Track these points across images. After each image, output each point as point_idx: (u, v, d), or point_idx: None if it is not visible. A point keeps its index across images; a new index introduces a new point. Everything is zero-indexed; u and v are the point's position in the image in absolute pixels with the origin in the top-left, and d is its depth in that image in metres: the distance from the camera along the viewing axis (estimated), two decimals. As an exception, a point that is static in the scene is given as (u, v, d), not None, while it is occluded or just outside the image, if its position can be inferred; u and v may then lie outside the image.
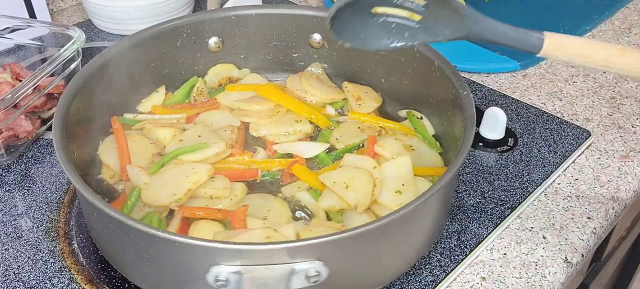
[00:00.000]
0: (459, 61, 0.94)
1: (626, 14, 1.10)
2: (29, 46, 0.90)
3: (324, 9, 0.81)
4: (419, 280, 0.59)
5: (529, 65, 0.94)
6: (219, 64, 0.82)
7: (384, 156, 0.67)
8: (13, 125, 0.73)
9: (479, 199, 0.69)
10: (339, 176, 0.63)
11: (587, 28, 1.04)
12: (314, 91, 0.78)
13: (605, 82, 0.90)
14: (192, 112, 0.75)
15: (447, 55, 0.94)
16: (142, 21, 0.76)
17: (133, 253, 0.52)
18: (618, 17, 1.09)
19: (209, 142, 0.68)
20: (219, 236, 0.58)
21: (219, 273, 0.48)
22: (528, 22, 1.05)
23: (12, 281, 0.59)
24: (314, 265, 0.48)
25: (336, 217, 0.62)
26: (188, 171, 0.64)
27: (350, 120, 0.75)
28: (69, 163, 0.54)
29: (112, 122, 0.72)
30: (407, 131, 0.73)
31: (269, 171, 0.69)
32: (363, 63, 0.79)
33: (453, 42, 0.97)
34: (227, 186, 0.64)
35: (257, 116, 0.74)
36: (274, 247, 0.47)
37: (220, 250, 0.47)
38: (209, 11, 0.80)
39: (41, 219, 0.66)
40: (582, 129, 0.79)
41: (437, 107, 0.71)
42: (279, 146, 0.71)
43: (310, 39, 0.81)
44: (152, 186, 0.63)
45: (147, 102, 0.77)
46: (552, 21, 1.05)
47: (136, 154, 0.68)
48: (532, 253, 0.63)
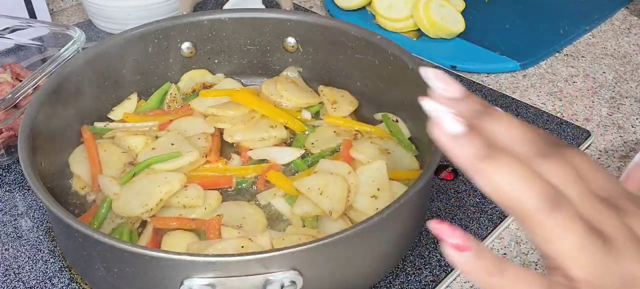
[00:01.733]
0: (459, 61, 0.94)
1: (626, 14, 1.11)
2: (29, 46, 0.89)
3: (298, 13, 0.81)
4: (419, 280, 0.59)
5: (529, 66, 0.95)
6: (192, 70, 0.81)
7: (359, 160, 0.67)
8: (13, 125, 0.72)
9: (479, 199, 0.69)
10: (313, 182, 0.62)
11: (587, 28, 1.04)
12: (289, 95, 0.77)
13: (605, 82, 0.91)
14: (165, 119, 0.74)
15: (447, 56, 0.96)
16: (142, 21, 0.76)
17: (102, 267, 0.51)
18: (618, 17, 1.10)
19: (183, 150, 0.67)
20: (193, 247, 0.57)
21: (191, 286, 0.47)
22: (528, 22, 1.06)
23: (12, 281, 0.59)
24: (288, 275, 0.48)
25: (312, 223, 0.61)
26: (160, 181, 0.63)
27: (326, 124, 0.75)
28: (34, 174, 0.53)
29: (82, 131, 0.70)
30: (383, 134, 0.72)
31: (243, 178, 0.68)
32: (339, 66, 0.79)
33: (453, 43, 0.99)
34: (200, 195, 0.63)
35: (232, 122, 0.73)
36: (246, 258, 0.46)
37: (192, 263, 0.46)
38: (180, 16, 0.78)
39: (41, 219, 0.66)
40: (582, 129, 0.80)
41: (412, 110, 0.71)
42: (254, 152, 0.70)
43: (284, 43, 0.80)
44: (123, 197, 0.62)
45: (118, 110, 0.75)
46: (551, 21, 1.05)
47: (107, 164, 0.67)
48: (532, 253, 0.63)
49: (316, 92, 0.80)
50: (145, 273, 0.48)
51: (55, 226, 0.57)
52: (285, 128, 0.74)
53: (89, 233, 0.47)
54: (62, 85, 0.66)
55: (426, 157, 0.68)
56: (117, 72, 0.75)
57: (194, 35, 0.79)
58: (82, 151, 0.68)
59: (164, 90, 0.78)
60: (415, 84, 0.67)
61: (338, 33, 0.76)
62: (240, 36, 0.80)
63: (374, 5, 1.03)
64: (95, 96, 0.72)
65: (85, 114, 0.72)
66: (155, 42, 0.76)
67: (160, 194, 0.61)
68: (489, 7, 1.10)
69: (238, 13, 0.79)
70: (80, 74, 0.69)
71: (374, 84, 0.76)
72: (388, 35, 0.96)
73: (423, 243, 0.63)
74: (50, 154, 0.64)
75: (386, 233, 0.54)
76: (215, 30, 0.79)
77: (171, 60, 0.79)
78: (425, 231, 0.65)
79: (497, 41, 0.99)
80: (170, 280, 0.47)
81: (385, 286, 0.59)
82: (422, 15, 0.97)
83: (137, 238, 0.60)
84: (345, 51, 0.76)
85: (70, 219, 0.48)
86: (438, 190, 0.70)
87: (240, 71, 0.83)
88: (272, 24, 0.79)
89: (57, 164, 0.66)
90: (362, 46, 0.74)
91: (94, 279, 0.55)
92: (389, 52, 0.71)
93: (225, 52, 0.81)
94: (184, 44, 0.79)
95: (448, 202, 0.68)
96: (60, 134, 0.67)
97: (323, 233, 0.59)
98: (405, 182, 0.65)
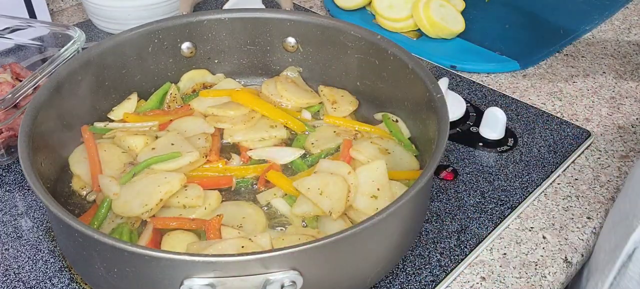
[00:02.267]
0: (459, 61, 0.94)
1: (626, 14, 1.11)
2: (29, 46, 0.89)
3: (298, 13, 0.81)
4: (419, 280, 0.59)
5: (529, 65, 0.95)
6: (192, 70, 0.81)
7: (359, 160, 0.67)
8: (13, 125, 0.72)
9: (479, 199, 0.69)
10: (313, 182, 0.62)
11: (587, 28, 1.04)
12: (289, 95, 0.77)
13: (605, 82, 0.91)
14: (165, 119, 0.74)
15: (447, 56, 0.96)
16: (142, 21, 0.76)
17: (102, 267, 0.51)
18: (618, 17, 1.10)
19: (183, 151, 0.67)
20: (193, 247, 0.57)
21: (191, 286, 0.47)
22: (528, 22, 1.06)
23: (12, 281, 0.59)
24: (288, 275, 0.48)
25: (312, 223, 0.61)
26: (160, 181, 0.63)
27: (326, 124, 0.75)
28: (34, 175, 0.53)
29: (82, 131, 0.70)
30: (383, 134, 0.72)
31: (243, 178, 0.68)
32: (339, 66, 0.79)
33: (453, 42, 0.99)
34: (200, 195, 0.63)
35: (232, 122, 0.73)
36: (246, 258, 0.46)
37: (192, 263, 0.46)
38: (180, 16, 0.78)
39: (41, 219, 0.66)
40: (582, 129, 0.80)
41: (412, 110, 0.71)
42: (254, 152, 0.70)
43: (284, 43, 0.80)
44: (123, 197, 0.62)
45: (118, 110, 0.75)
46: (551, 21, 1.05)
47: (108, 164, 0.67)
48: (532, 253, 0.63)
49: (316, 92, 0.80)
50: (145, 273, 0.48)
51: (55, 226, 0.57)
52: (285, 128, 0.74)
53: (89, 233, 0.47)
54: (62, 85, 0.66)
55: (426, 157, 0.68)
56: (117, 72, 0.75)
57: (194, 35, 0.79)
58: (82, 151, 0.68)
59: (164, 90, 0.78)
60: (415, 84, 0.67)
61: (338, 33, 0.76)
62: (240, 36, 0.80)
63: (374, 5, 1.03)
64: (95, 96, 0.72)
65: (85, 114, 0.72)
66: (155, 42, 0.76)
67: (160, 194, 0.61)
68: (489, 7, 1.10)
69: (238, 13, 0.79)
70: (80, 74, 0.69)
71: (374, 84, 0.76)
72: (388, 35, 0.96)
73: (423, 243, 0.63)
74: (50, 154, 0.64)
75: (386, 232, 0.54)
76: (215, 30, 0.79)
77: (171, 60, 0.79)
78: (425, 231, 0.65)
79: (497, 41, 0.99)
80: (170, 280, 0.47)
81: (385, 286, 0.59)
82: (422, 16, 0.97)
83: (137, 238, 0.60)
84: (345, 51, 0.76)
85: (70, 219, 0.48)
86: (438, 190, 0.70)
87: (240, 71, 0.83)
88: (272, 24, 0.79)
89: (57, 164, 0.66)
90: (362, 46, 0.74)
91: (94, 279, 0.55)
92: (389, 52, 0.71)
93: (225, 52, 0.81)
94: (184, 44, 0.79)
95: (448, 202, 0.68)
96: (60, 134, 0.67)
97: (323, 233, 0.59)
98: (405, 182, 0.65)
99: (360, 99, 0.78)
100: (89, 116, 0.72)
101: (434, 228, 0.65)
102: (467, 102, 0.84)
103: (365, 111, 0.78)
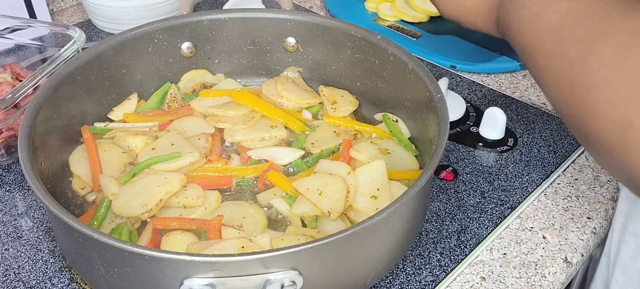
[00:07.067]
0: (459, 61, 0.94)
1: None
2: (29, 46, 0.90)
3: (298, 13, 0.81)
4: (419, 280, 0.59)
5: None
6: (192, 70, 0.81)
7: (359, 160, 0.67)
8: (13, 125, 0.72)
9: (479, 199, 0.69)
10: (312, 183, 0.62)
11: None
12: (289, 95, 0.77)
13: None
14: (165, 119, 0.74)
15: (447, 56, 0.96)
16: (142, 21, 0.76)
17: (102, 267, 0.51)
18: None
19: (183, 151, 0.67)
20: (193, 247, 0.57)
21: (191, 286, 0.47)
22: None
23: (12, 281, 0.59)
24: (288, 275, 0.48)
25: (311, 223, 0.61)
26: (160, 181, 0.63)
27: (326, 124, 0.75)
28: (34, 175, 0.53)
29: (82, 131, 0.70)
30: (383, 134, 0.72)
31: (243, 178, 0.68)
32: (339, 66, 0.79)
33: (452, 42, 0.98)
34: (200, 195, 0.63)
35: (232, 122, 0.73)
36: (247, 258, 0.46)
37: (192, 263, 0.46)
38: (180, 16, 0.78)
39: (41, 219, 0.66)
40: None
41: (412, 110, 0.71)
42: (253, 152, 0.70)
43: (284, 43, 0.80)
44: (122, 197, 0.62)
45: (118, 110, 0.75)
46: None
47: (108, 164, 0.67)
48: (532, 253, 0.63)
49: (316, 92, 0.80)
50: (145, 273, 0.48)
51: (55, 226, 0.57)
52: (285, 128, 0.74)
53: (89, 233, 0.47)
54: (62, 85, 0.66)
55: (426, 157, 0.68)
56: (117, 72, 0.75)
57: (194, 35, 0.79)
58: (82, 151, 0.68)
59: (164, 90, 0.78)
60: (415, 84, 0.67)
61: (338, 33, 0.76)
62: (240, 36, 0.80)
63: None
64: (95, 96, 0.72)
65: (85, 114, 0.72)
66: (155, 42, 0.76)
67: (160, 194, 0.61)
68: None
69: (238, 13, 0.79)
70: (80, 74, 0.69)
71: (374, 84, 0.76)
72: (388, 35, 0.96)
73: (423, 243, 0.63)
74: (50, 154, 0.64)
75: (386, 232, 0.54)
76: (215, 30, 0.79)
77: (171, 60, 0.79)
78: (425, 231, 0.65)
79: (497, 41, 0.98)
80: (170, 280, 0.47)
81: (385, 286, 0.59)
82: None
83: (137, 238, 0.60)
84: (345, 51, 0.76)
85: (70, 219, 0.48)
86: (438, 190, 0.70)
87: (240, 71, 0.83)
88: (272, 24, 0.79)
89: (57, 164, 0.66)
90: (362, 46, 0.74)
91: (94, 279, 0.55)
92: (389, 52, 0.71)
93: (225, 52, 0.81)
94: (184, 44, 0.79)
95: (448, 202, 0.68)
96: (60, 134, 0.67)
97: (323, 233, 0.59)
98: (405, 182, 0.65)
99: (360, 99, 0.78)
100: (89, 116, 0.72)
101: (434, 228, 0.65)
102: (467, 102, 0.84)
103: (365, 111, 0.78)
